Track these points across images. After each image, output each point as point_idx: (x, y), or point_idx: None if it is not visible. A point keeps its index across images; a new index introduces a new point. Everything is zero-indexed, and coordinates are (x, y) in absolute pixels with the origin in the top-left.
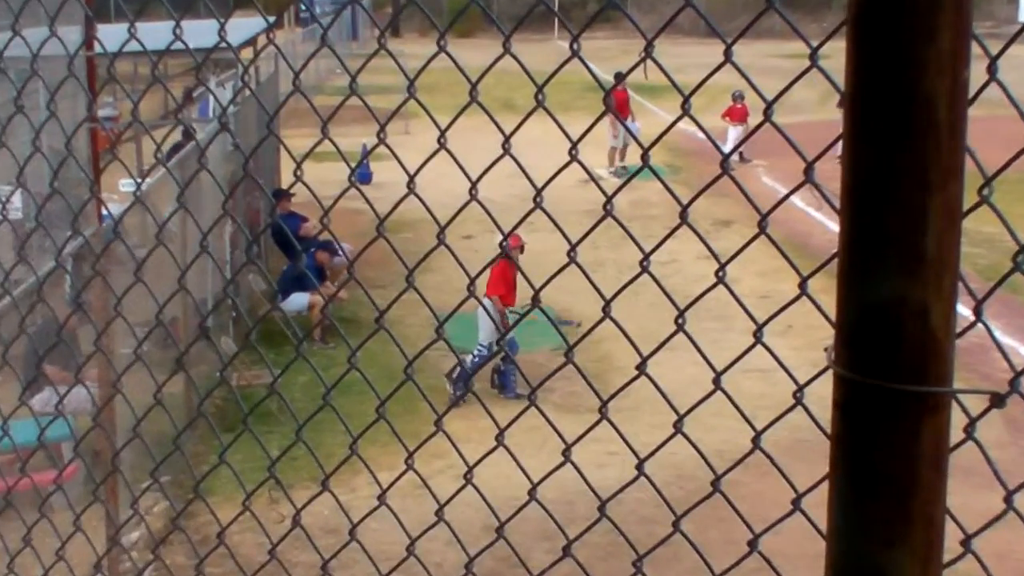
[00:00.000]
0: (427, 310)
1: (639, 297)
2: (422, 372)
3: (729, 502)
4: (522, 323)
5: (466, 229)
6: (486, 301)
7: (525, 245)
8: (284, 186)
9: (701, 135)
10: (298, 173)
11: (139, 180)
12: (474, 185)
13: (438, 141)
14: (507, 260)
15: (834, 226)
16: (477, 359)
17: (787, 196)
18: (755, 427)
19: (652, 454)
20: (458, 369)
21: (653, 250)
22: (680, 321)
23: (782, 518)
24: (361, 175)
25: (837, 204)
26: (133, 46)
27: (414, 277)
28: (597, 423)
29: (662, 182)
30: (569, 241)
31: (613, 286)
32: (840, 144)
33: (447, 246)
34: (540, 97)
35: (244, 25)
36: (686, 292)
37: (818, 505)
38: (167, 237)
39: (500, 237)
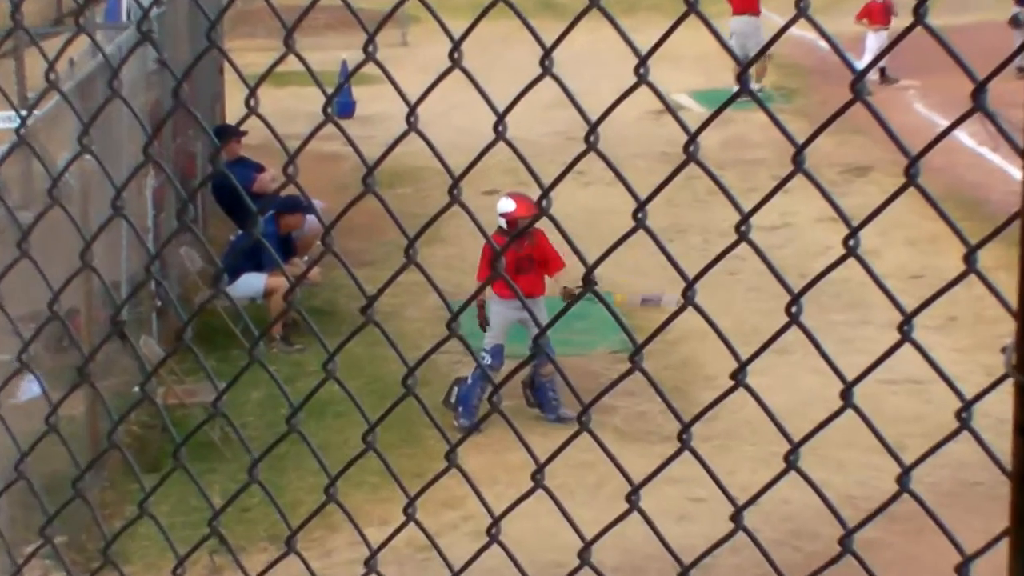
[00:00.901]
0: (434, 296)
1: (736, 278)
2: (427, 385)
3: (867, 569)
4: (570, 316)
5: (489, 181)
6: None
7: (549, 206)
8: (231, 121)
9: (824, 45)
10: (251, 103)
11: (22, 113)
12: (501, 119)
13: (450, 56)
14: (504, 233)
15: (1018, 173)
16: (477, 372)
17: (948, 131)
18: (903, 462)
19: (754, 500)
20: (455, 389)
21: (755, 209)
22: (794, 311)
23: None
24: (341, 105)
25: (1021, 141)
26: None
27: (416, 250)
28: (675, 456)
29: (768, 113)
30: (636, 197)
31: (699, 262)
32: None
33: (463, 205)
34: None
35: None
36: (803, 269)
37: (995, 573)
38: (64, 195)
39: (506, 202)
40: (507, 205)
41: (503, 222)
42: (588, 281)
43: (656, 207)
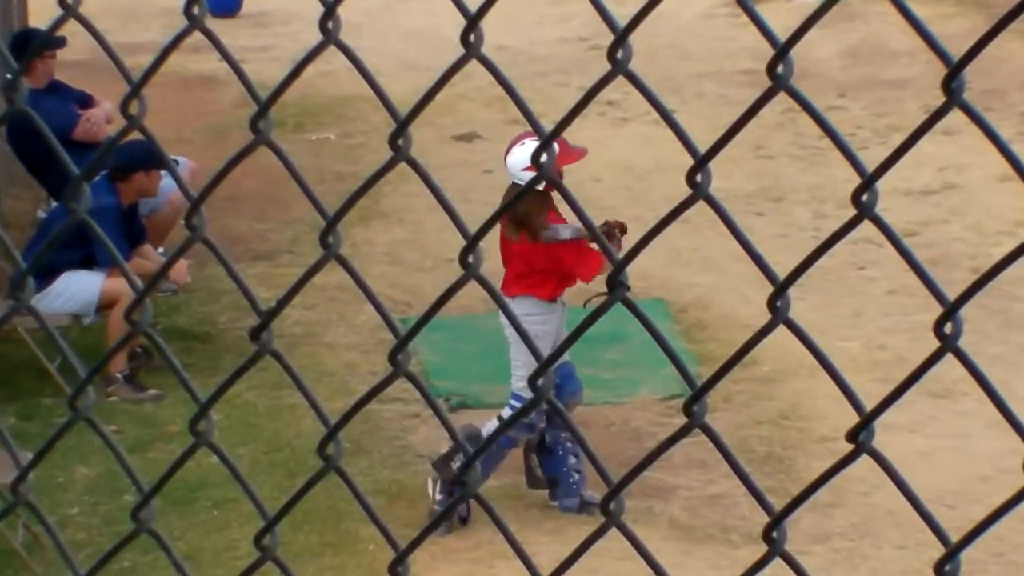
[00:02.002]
0: (370, 308)
1: (867, 274)
2: (365, 454)
3: None
4: (596, 339)
5: (464, 119)
6: (519, 301)
7: (551, 162)
8: (39, 24)
9: None
10: (69, 0)
11: None
12: (474, 24)
13: None
14: (547, 199)
15: None
16: (516, 431)
17: None
18: None
19: None
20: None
21: (884, 168)
22: (947, 331)
23: None
24: (217, 1)
25: None
26: None
27: (339, 234)
28: (762, 566)
29: (903, 8)
30: (693, 150)
31: (806, 249)
32: None
33: (413, 163)
34: None
35: None
36: (979, 260)
37: None
38: None
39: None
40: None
41: (521, 179)
42: (616, 284)
43: (736, 161)
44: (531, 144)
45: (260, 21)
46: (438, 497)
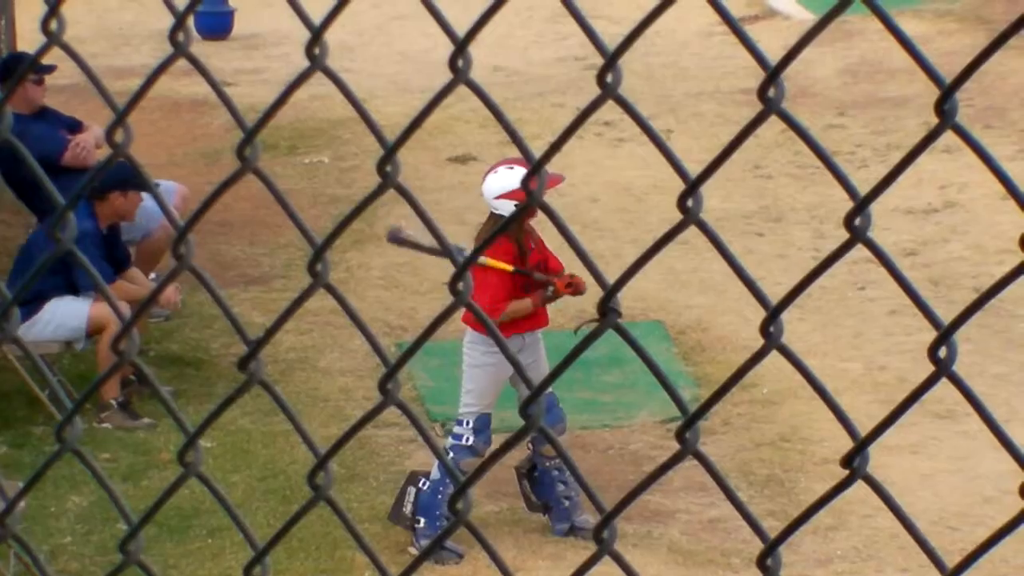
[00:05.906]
0: (360, 337)
1: (868, 295)
2: (360, 481)
3: None
4: (593, 363)
5: (459, 141)
6: (471, 332)
7: (541, 191)
8: (27, 48)
9: None
10: (53, 28)
11: None
12: (462, 49)
13: None
14: (511, 231)
15: None
16: (453, 454)
17: None
18: None
19: None
20: (412, 491)
21: (876, 192)
22: (942, 356)
23: None
24: (208, 20)
25: None
26: None
27: (328, 261)
28: None
29: (890, 26)
30: (684, 174)
31: (799, 272)
32: None
33: (402, 190)
34: None
35: None
36: (977, 279)
37: None
38: None
39: (512, 174)
40: (515, 178)
41: (504, 207)
42: (607, 309)
43: (736, 181)
44: (503, 172)
45: (251, 43)
46: (413, 548)
